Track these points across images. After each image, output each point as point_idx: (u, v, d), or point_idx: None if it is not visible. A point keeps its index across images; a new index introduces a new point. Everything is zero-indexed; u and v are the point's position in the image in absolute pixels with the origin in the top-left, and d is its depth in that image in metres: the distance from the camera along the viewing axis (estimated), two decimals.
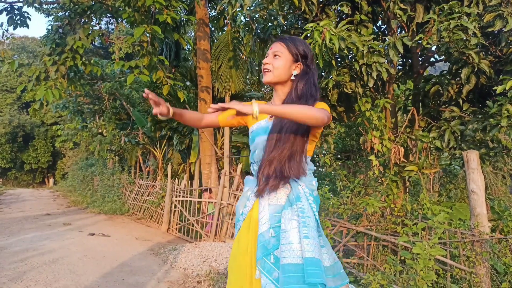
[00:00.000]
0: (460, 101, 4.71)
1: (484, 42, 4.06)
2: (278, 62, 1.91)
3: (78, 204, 13.83)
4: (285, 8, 5.12)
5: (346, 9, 4.59)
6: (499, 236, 3.79)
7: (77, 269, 5.08)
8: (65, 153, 28.40)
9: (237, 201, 7.11)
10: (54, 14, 13.60)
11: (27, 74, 7.45)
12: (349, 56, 4.81)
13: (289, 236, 1.71)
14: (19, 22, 7.61)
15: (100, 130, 15.84)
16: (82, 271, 4.98)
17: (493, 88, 4.01)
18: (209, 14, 10.97)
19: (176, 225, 8.67)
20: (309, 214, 1.75)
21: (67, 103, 14.61)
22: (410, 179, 5.89)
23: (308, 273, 1.60)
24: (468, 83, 4.37)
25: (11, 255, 5.71)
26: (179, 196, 8.84)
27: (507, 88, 3.72)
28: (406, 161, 5.14)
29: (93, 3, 7.41)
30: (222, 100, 10.61)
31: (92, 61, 8.39)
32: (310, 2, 4.52)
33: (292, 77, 1.94)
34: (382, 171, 5.16)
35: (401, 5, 4.45)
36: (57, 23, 7.63)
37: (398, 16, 4.47)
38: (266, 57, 1.97)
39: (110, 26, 21.26)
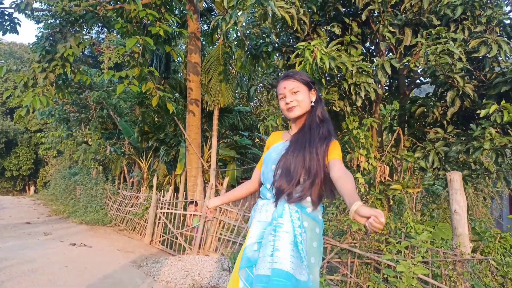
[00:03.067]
0: (445, 123, 4.83)
1: (469, 67, 4.20)
2: (300, 96, 2.09)
3: (60, 213, 13.57)
4: (278, 26, 5.22)
5: (336, 30, 4.70)
6: (480, 257, 3.86)
7: (58, 279, 4.98)
8: (48, 161, 27.96)
9: (222, 214, 7.10)
10: (45, 21, 13.55)
11: (13, 80, 7.38)
12: (339, 75, 4.90)
13: (265, 249, 1.85)
14: (8, 28, 7.53)
15: (85, 139, 15.69)
16: (63, 282, 4.89)
17: (477, 112, 4.13)
18: (201, 28, 11.06)
19: (160, 237, 8.58)
20: (286, 229, 1.86)
21: (53, 110, 14.46)
22: (394, 198, 5.97)
23: (272, 283, 1.74)
24: (453, 106, 4.49)
25: None
26: (164, 208, 8.77)
27: (490, 112, 3.84)
28: (391, 180, 5.22)
29: (85, 12, 7.40)
30: (210, 113, 10.65)
31: (81, 70, 8.35)
32: (302, 22, 4.62)
33: (312, 104, 2.12)
34: (368, 189, 5.23)
35: (390, 28, 4.58)
36: (48, 30, 7.59)
37: (387, 38, 4.59)
38: (283, 97, 2.12)
39: (100, 35, 21.24)
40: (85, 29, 8.11)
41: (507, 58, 4.18)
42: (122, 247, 7.87)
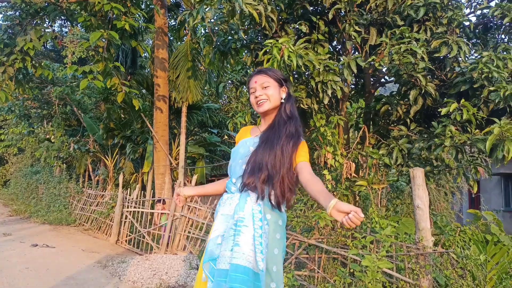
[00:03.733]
0: (408, 120, 4.96)
1: (431, 66, 4.33)
2: (270, 91, 2.11)
3: (21, 213, 13.06)
4: (246, 23, 5.20)
5: (304, 28, 4.74)
6: (441, 250, 4.00)
7: (18, 282, 4.79)
8: (8, 159, 26.80)
9: (190, 212, 7.03)
10: (3, 12, 12.96)
11: None
12: (306, 73, 4.95)
13: (226, 243, 1.88)
14: None
15: (47, 136, 15.16)
16: (23, 284, 4.71)
17: (438, 110, 4.27)
18: (169, 23, 10.89)
19: (126, 236, 8.41)
20: (247, 223, 1.90)
21: (13, 106, 13.88)
22: (359, 194, 6.10)
23: (230, 278, 1.77)
24: (416, 104, 4.62)
25: None
26: (130, 206, 8.60)
27: (450, 111, 3.98)
28: (356, 176, 5.32)
29: (47, 4, 7.13)
30: (179, 110, 10.53)
31: (43, 64, 8.05)
32: (270, 19, 4.62)
33: (282, 100, 2.16)
34: (334, 185, 5.31)
35: (356, 27, 4.66)
36: (7, 22, 7.27)
37: (353, 37, 4.67)
38: (253, 92, 2.15)
39: (63, 29, 20.54)
40: (46, 22, 7.82)
41: (466, 59, 4.34)
42: (86, 247, 7.67)
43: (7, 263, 5.68)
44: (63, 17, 8.15)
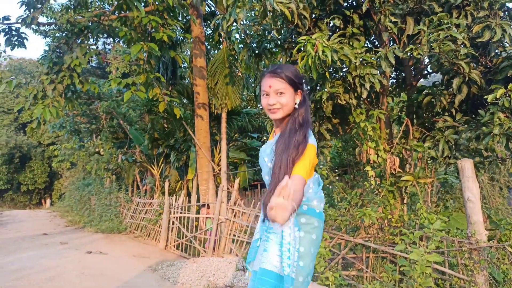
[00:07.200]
0: (453, 111, 4.77)
1: (473, 53, 4.14)
2: (284, 99, 1.96)
3: (75, 224, 13.73)
4: (279, 23, 5.22)
5: (338, 23, 4.68)
6: (497, 244, 3.80)
7: (75, 286, 5.03)
8: (62, 174, 28.31)
9: (234, 216, 7.10)
10: (52, 35, 13.75)
11: (24, 95, 7.51)
12: (342, 69, 4.88)
13: (260, 247, 2.03)
14: (16, 42, 7.67)
15: (97, 150, 15.84)
16: None
17: (485, 97, 4.07)
18: (205, 32, 11.12)
19: (174, 242, 8.61)
20: (276, 230, 1.94)
21: (64, 122, 14.65)
22: (407, 190, 5.92)
23: (258, 280, 1.90)
24: (460, 93, 4.43)
25: (8, 273, 5.64)
26: (177, 212, 8.80)
27: (497, 97, 3.78)
28: (402, 171, 5.16)
29: (90, 23, 7.51)
30: (218, 116, 10.69)
31: (89, 80, 8.47)
32: (303, 17, 4.61)
33: (296, 106, 2.00)
34: (379, 182, 5.18)
35: (392, 18, 4.55)
36: (55, 42, 7.71)
37: (389, 28, 4.56)
38: (266, 95, 1.98)
39: (107, 46, 21.50)
40: (91, 40, 8.22)
41: None
42: (137, 253, 7.92)
43: (65, 269, 5.97)
44: (105, 35, 8.53)
